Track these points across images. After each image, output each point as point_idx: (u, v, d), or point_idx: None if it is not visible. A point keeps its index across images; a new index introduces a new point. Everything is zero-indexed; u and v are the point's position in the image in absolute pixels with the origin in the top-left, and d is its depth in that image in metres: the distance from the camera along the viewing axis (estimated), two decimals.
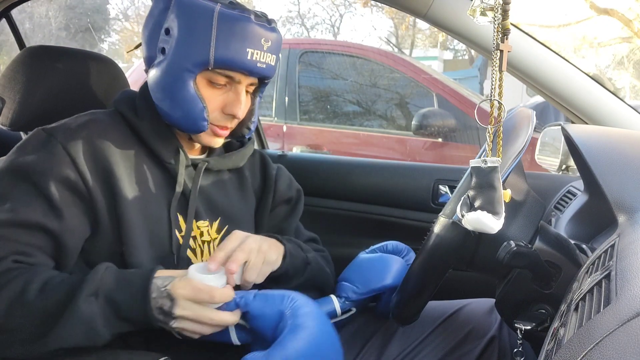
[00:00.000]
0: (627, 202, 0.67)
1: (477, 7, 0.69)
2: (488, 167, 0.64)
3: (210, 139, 0.87)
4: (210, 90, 0.82)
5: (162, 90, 0.81)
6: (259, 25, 0.80)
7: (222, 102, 0.83)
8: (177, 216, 0.85)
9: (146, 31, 0.83)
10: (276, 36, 0.83)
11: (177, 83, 0.80)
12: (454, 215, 0.72)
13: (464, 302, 1.03)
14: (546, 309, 0.75)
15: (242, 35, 0.78)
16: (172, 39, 0.79)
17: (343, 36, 16.45)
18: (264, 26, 0.81)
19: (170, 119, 0.83)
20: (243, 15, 0.78)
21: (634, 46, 11.85)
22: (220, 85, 0.82)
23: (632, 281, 0.46)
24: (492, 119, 0.65)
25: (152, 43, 0.82)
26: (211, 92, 0.82)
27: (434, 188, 1.48)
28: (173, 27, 0.79)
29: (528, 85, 1.17)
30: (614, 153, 0.77)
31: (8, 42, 7.43)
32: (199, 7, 0.77)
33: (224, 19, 0.77)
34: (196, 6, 0.77)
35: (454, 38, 1.18)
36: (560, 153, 1.27)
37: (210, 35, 0.77)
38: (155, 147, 0.84)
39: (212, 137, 0.86)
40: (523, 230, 0.78)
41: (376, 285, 0.90)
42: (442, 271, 0.76)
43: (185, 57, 0.79)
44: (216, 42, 0.77)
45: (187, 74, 0.79)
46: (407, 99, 3.35)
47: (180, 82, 0.80)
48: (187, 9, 0.78)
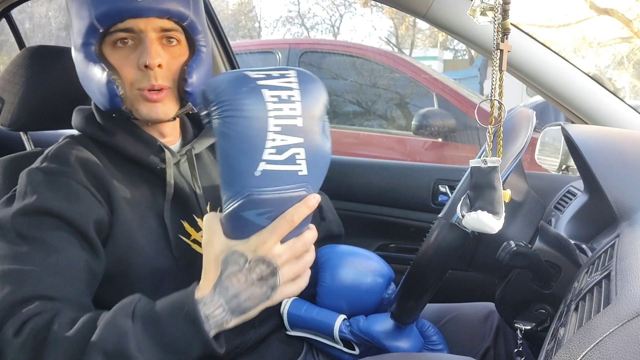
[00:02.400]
0: (627, 202, 0.67)
1: (477, 7, 0.69)
2: (488, 167, 0.64)
3: (150, 109, 0.77)
4: (119, 52, 0.76)
5: (82, 79, 0.79)
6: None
7: (135, 60, 0.76)
8: (180, 223, 0.80)
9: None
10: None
11: (83, 62, 0.77)
12: (453, 216, 0.72)
13: (458, 307, 1.03)
14: (546, 309, 0.75)
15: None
16: (73, 28, 0.78)
17: (343, 36, 16.45)
18: None
19: (100, 104, 0.78)
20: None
21: (634, 46, 11.85)
22: (129, 45, 0.76)
23: (632, 281, 0.46)
24: (492, 119, 0.65)
25: (74, 45, 0.81)
26: (120, 54, 0.76)
27: (434, 188, 1.48)
28: (70, 17, 0.78)
29: (528, 85, 1.17)
30: (614, 153, 0.77)
31: (8, 42, 7.43)
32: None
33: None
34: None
35: (454, 38, 1.18)
36: (560, 153, 1.27)
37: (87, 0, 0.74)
38: (138, 156, 0.79)
39: (150, 105, 0.77)
40: (523, 230, 0.78)
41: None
42: (442, 272, 0.76)
43: (79, 34, 0.76)
44: (91, 2, 0.73)
45: (86, 48, 0.76)
46: (407, 99, 3.36)
47: (85, 60, 0.77)
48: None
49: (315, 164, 0.61)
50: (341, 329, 0.88)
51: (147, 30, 0.75)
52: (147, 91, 0.76)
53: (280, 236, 0.60)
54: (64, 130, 1.10)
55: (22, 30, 1.69)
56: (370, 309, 0.91)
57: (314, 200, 0.60)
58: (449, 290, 1.06)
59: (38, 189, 0.71)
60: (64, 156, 0.76)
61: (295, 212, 0.60)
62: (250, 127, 0.57)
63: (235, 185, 0.59)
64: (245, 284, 0.60)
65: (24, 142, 1.19)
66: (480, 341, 0.95)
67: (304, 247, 0.62)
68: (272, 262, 0.60)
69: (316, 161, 0.61)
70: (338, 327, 0.88)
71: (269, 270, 0.60)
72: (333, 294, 0.89)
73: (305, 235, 0.62)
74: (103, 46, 0.76)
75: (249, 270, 0.59)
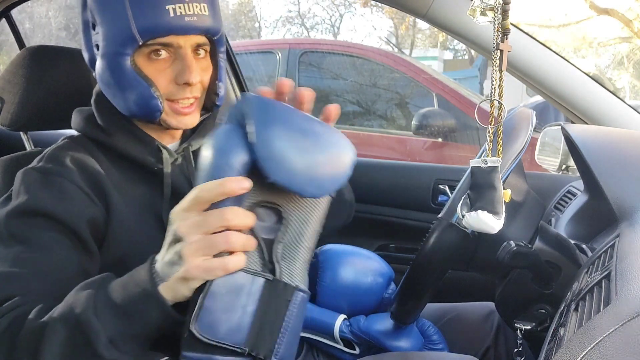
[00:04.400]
0: (627, 202, 0.67)
1: (477, 7, 0.69)
2: (488, 167, 0.64)
3: (179, 121, 0.79)
4: (155, 65, 0.76)
5: (108, 85, 0.77)
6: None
7: (172, 74, 0.76)
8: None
9: (82, 36, 0.80)
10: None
11: (116, 71, 0.75)
12: (454, 216, 0.72)
13: (458, 306, 1.03)
14: (546, 309, 0.75)
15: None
16: (99, 32, 0.75)
17: (343, 36, 16.46)
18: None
19: (129, 112, 0.78)
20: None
21: (634, 46, 11.85)
22: (163, 57, 0.76)
23: (632, 281, 0.46)
24: (492, 119, 0.65)
25: (88, 45, 0.79)
26: (156, 67, 0.76)
27: (434, 188, 1.48)
28: (95, 19, 0.75)
29: (528, 85, 1.17)
30: (614, 153, 0.77)
31: (8, 42, 7.43)
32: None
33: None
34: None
35: (454, 38, 1.18)
36: (560, 153, 1.27)
37: (125, 8, 0.72)
38: (137, 156, 0.79)
39: (179, 117, 0.79)
40: (523, 230, 0.78)
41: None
42: (442, 272, 0.76)
43: (113, 42, 0.74)
44: (132, 13, 0.72)
45: (120, 58, 0.74)
46: (407, 99, 3.36)
47: (118, 69, 0.75)
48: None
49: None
50: (341, 328, 0.88)
51: (186, 46, 0.76)
52: (180, 105, 0.78)
53: (190, 203, 0.53)
54: (64, 130, 1.10)
55: (22, 30, 1.69)
56: (370, 308, 0.91)
57: (230, 186, 0.51)
58: (449, 290, 1.06)
59: (31, 189, 0.71)
60: (60, 157, 0.76)
61: (205, 187, 0.53)
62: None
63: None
64: (165, 247, 0.56)
65: (24, 142, 1.19)
66: (480, 341, 0.95)
67: (216, 222, 0.52)
68: (175, 225, 0.54)
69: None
70: (338, 326, 0.88)
71: (173, 235, 0.55)
72: (333, 293, 0.89)
73: (224, 211, 0.52)
74: (136, 55, 0.75)
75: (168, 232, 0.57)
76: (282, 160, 0.54)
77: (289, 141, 0.54)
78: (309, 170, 0.55)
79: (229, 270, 0.52)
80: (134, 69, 0.75)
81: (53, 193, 0.71)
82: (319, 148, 0.56)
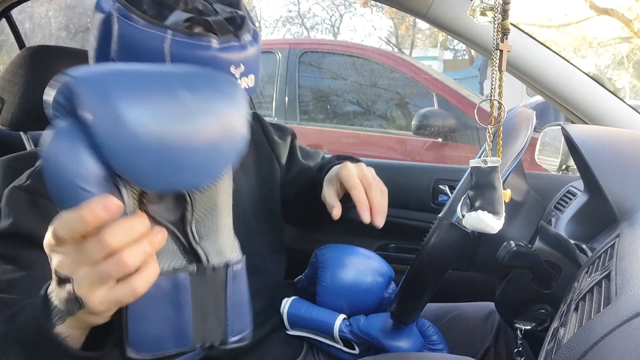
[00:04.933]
0: (627, 202, 0.67)
1: (477, 7, 0.69)
2: (488, 167, 0.64)
3: None
4: None
5: None
6: (225, 49, 0.63)
7: None
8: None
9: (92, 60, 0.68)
10: (251, 52, 0.67)
11: None
12: (454, 216, 0.72)
13: (459, 306, 1.03)
14: (546, 309, 0.75)
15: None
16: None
17: (343, 36, 16.45)
18: (232, 48, 0.64)
19: None
20: (201, 44, 0.61)
21: (634, 46, 11.85)
22: None
23: (632, 281, 0.46)
24: (492, 119, 0.65)
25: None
26: None
27: (434, 188, 1.48)
28: (121, 62, 0.64)
29: (528, 85, 1.17)
30: (614, 153, 0.77)
31: (8, 42, 7.43)
32: (145, 39, 0.61)
33: (178, 53, 0.61)
34: (142, 38, 0.61)
35: (454, 38, 1.18)
36: (560, 153, 1.27)
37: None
38: None
39: None
40: (523, 230, 0.78)
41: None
42: (442, 272, 0.76)
43: None
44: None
45: None
46: (407, 99, 3.35)
47: None
48: (132, 42, 0.62)
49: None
50: (341, 328, 0.88)
51: None
52: None
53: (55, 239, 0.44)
54: None
55: (22, 30, 1.69)
56: (370, 308, 0.91)
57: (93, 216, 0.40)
58: (449, 290, 1.06)
59: (16, 212, 0.69)
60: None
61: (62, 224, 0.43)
62: None
63: None
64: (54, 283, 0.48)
65: (24, 142, 1.19)
66: (480, 341, 0.95)
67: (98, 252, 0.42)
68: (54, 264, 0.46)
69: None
70: (338, 326, 0.88)
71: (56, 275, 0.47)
72: (333, 293, 0.89)
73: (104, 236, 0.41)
74: None
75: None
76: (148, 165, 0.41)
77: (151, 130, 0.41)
78: (201, 167, 0.44)
79: (140, 292, 0.43)
80: None
81: (37, 216, 0.68)
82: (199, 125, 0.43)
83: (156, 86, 0.43)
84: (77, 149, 0.41)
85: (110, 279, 0.43)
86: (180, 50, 0.61)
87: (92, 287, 0.43)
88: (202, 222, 0.49)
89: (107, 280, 0.43)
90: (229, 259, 0.50)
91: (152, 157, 0.41)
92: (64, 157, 0.40)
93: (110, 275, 0.43)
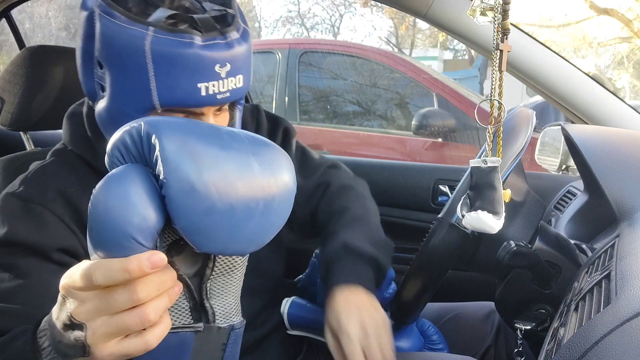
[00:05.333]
0: (627, 202, 0.67)
1: (477, 7, 0.69)
2: (488, 167, 0.64)
3: None
4: None
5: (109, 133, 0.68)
6: (209, 47, 0.60)
7: None
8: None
9: (79, 59, 0.67)
10: (239, 51, 0.63)
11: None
12: (453, 216, 0.72)
13: (459, 305, 1.03)
14: (546, 309, 0.75)
15: (188, 68, 0.60)
16: (106, 76, 0.63)
17: (343, 36, 16.46)
18: (216, 46, 0.61)
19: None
20: (183, 41, 0.59)
21: (634, 46, 11.85)
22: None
23: (632, 281, 0.46)
24: (492, 119, 0.65)
25: (88, 76, 0.67)
26: None
27: (434, 188, 1.48)
28: (103, 61, 0.63)
29: (528, 85, 1.17)
30: (614, 153, 0.77)
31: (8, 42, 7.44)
32: (126, 36, 0.59)
33: (160, 51, 0.59)
34: (123, 35, 0.59)
35: (454, 38, 1.18)
36: (560, 153, 1.27)
37: (147, 74, 0.60)
38: None
39: None
40: (523, 230, 0.78)
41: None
42: (442, 272, 0.76)
43: (125, 102, 0.63)
44: (156, 82, 0.60)
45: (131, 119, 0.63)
46: (407, 99, 3.36)
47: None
48: (113, 39, 0.60)
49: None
50: None
51: (209, 113, 0.67)
52: None
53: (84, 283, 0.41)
54: None
55: (22, 30, 1.69)
56: None
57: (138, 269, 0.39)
58: (449, 290, 1.06)
59: (10, 220, 0.67)
60: (43, 183, 0.71)
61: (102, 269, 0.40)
62: None
63: None
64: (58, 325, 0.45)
65: (24, 142, 1.19)
66: (481, 340, 0.95)
67: (125, 303, 0.41)
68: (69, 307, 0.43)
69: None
70: None
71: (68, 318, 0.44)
72: None
73: (135, 288, 0.40)
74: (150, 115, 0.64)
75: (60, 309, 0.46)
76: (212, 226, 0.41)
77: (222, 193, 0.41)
78: (252, 236, 0.44)
79: (152, 347, 0.42)
80: None
81: (31, 223, 0.67)
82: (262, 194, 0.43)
83: (232, 150, 0.43)
84: (139, 198, 0.40)
85: (128, 331, 0.42)
86: (161, 48, 0.59)
87: (106, 337, 0.42)
88: (216, 281, 0.48)
89: (124, 332, 0.42)
90: (233, 322, 0.49)
91: (217, 219, 0.41)
92: (123, 203, 0.39)
93: (129, 328, 0.41)
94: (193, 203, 0.40)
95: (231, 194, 0.41)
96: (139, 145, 0.42)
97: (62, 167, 0.73)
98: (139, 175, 0.40)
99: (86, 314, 0.42)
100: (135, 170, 0.40)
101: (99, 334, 0.42)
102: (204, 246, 0.43)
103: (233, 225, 0.42)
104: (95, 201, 0.40)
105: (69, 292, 0.43)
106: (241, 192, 0.42)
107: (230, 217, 0.41)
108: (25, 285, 0.64)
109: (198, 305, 0.48)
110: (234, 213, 0.41)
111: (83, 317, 0.42)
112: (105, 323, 0.42)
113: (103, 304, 0.41)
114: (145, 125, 0.41)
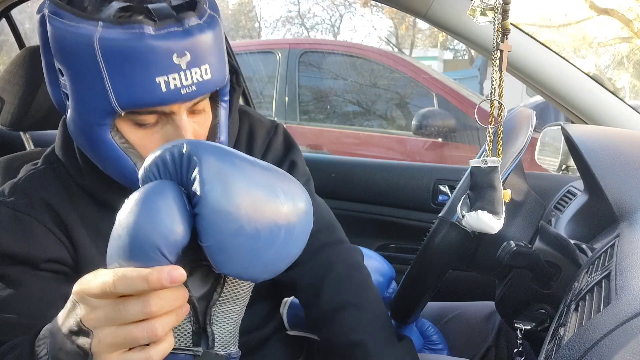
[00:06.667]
0: (627, 202, 0.67)
1: (477, 7, 0.69)
2: (488, 167, 0.64)
3: None
4: (141, 132, 0.62)
5: (83, 147, 0.65)
6: (163, 36, 0.55)
7: (162, 139, 0.62)
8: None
9: (44, 69, 0.63)
10: (201, 39, 0.58)
11: (91, 141, 0.62)
12: (454, 215, 0.72)
13: (460, 305, 1.03)
14: (546, 309, 0.75)
15: (141, 62, 0.55)
16: (67, 84, 0.59)
17: (343, 36, 16.46)
18: (172, 35, 0.56)
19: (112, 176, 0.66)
20: (132, 32, 0.54)
21: (634, 46, 11.85)
22: (150, 122, 0.61)
23: (632, 281, 0.46)
24: (492, 119, 0.65)
25: (54, 86, 0.63)
26: (143, 134, 0.62)
27: (434, 188, 1.48)
28: (61, 67, 0.59)
29: (528, 85, 1.17)
30: (614, 153, 0.77)
31: (8, 42, 7.43)
32: (75, 36, 0.55)
33: (109, 46, 0.54)
34: (72, 35, 0.55)
35: (454, 38, 1.18)
36: (560, 153, 1.27)
37: (101, 73, 0.55)
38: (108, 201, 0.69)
39: None
40: (523, 230, 0.78)
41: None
42: (442, 272, 0.76)
43: (87, 109, 0.59)
44: (111, 82, 0.55)
45: (97, 128, 0.59)
46: (407, 99, 3.36)
47: (94, 139, 0.61)
48: (65, 41, 0.56)
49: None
50: None
51: (180, 112, 0.61)
52: None
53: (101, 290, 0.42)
54: None
55: (22, 30, 1.68)
56: None
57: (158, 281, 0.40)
58: (449, 289, 1.07)
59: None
60: (32, 193, 0.69)
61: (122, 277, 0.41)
62: None
63: None
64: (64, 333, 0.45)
65: (24, 142, 1.19)
66: (481, 340, 0.95)
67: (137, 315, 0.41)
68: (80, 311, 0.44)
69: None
70: None
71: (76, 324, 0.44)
72: None
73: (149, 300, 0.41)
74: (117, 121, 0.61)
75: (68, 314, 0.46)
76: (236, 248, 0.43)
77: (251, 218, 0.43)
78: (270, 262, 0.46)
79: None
80: (115, 139, 0.61)
81: (21, 233, 0.65)
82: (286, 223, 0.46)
83: (262, 178, 0.45)
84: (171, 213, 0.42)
85: (134, 343, 0.42)
86: (110, 43, 0.54)
87: (111, 347, 0.42)
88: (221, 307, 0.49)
89: (130, 344, 0.42)
90: (231, 351, 0.50)
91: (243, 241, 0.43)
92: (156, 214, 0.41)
93: (135, 340, 0.41)
94: (223, 223, 0.42)
95: (258, 218, 0.44)
96: (178, 163, 0.44)
97: (48, 177, 0.71)
98: (173, 192, 0.43)
99: (96, 321, 0.42)
100: (170, 187, 0.43)
101: (104, 343, 0.42)
102: (224, 267, 0.44)
103: (256, 250, 0.44)
104: (129, 210, 0.42)
105: (82, 297, 0.43)
106: (267, 218, 0.44)
107: (255, 240, 0.44)
108: (16, 295, 0.63)
109: (200, 330, 0.49)
110: (258, 237, 0.44)
111: (92, 324, 0.42)
112: (113, 333, 0.42)
113: (114, 313, 0.41)
114: (187, 145, 0.44)
